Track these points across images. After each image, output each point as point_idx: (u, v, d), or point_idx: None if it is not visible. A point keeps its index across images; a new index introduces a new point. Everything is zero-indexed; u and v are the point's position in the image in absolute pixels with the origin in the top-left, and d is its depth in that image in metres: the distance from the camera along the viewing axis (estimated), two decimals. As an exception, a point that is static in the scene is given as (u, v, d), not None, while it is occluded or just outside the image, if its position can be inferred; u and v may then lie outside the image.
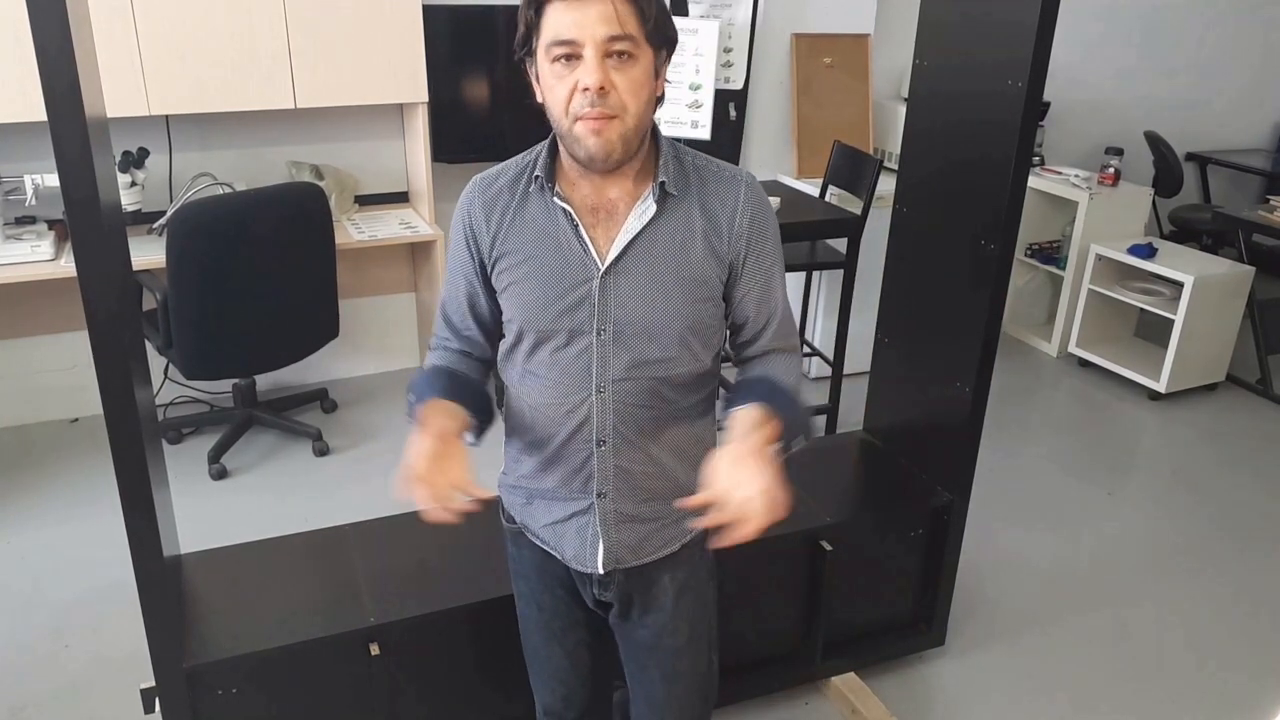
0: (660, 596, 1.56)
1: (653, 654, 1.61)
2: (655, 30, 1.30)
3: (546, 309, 1.40)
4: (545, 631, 1.65)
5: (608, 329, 1.39)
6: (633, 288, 1.38)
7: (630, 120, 1.30)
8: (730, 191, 1.42)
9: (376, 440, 3.63)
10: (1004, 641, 2.69)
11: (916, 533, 2.46)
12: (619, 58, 1.27)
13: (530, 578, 1.63)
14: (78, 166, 1.42)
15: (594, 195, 1.40)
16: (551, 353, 1.43)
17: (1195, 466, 3.71)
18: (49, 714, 2.34)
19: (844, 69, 4.24)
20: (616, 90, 1.28)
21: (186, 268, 2.97)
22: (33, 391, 3.63)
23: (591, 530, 1.50)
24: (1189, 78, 5.46)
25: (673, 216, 1.39)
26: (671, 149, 1.42)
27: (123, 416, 1.58)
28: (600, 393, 1.42)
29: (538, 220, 1.41)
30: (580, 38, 1.26)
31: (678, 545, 1.54)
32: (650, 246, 1.38)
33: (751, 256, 1.43)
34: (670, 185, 1.38)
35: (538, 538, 1.57)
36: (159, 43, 3.12)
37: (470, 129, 3.83)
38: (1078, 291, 4.41)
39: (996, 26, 2.11)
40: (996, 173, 2.15)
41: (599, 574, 1.52)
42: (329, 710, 1.98)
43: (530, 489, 1.54)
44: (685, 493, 1.49)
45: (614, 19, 1.25)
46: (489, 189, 1.47)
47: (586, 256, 1.38)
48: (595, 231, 1.39)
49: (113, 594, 2.69)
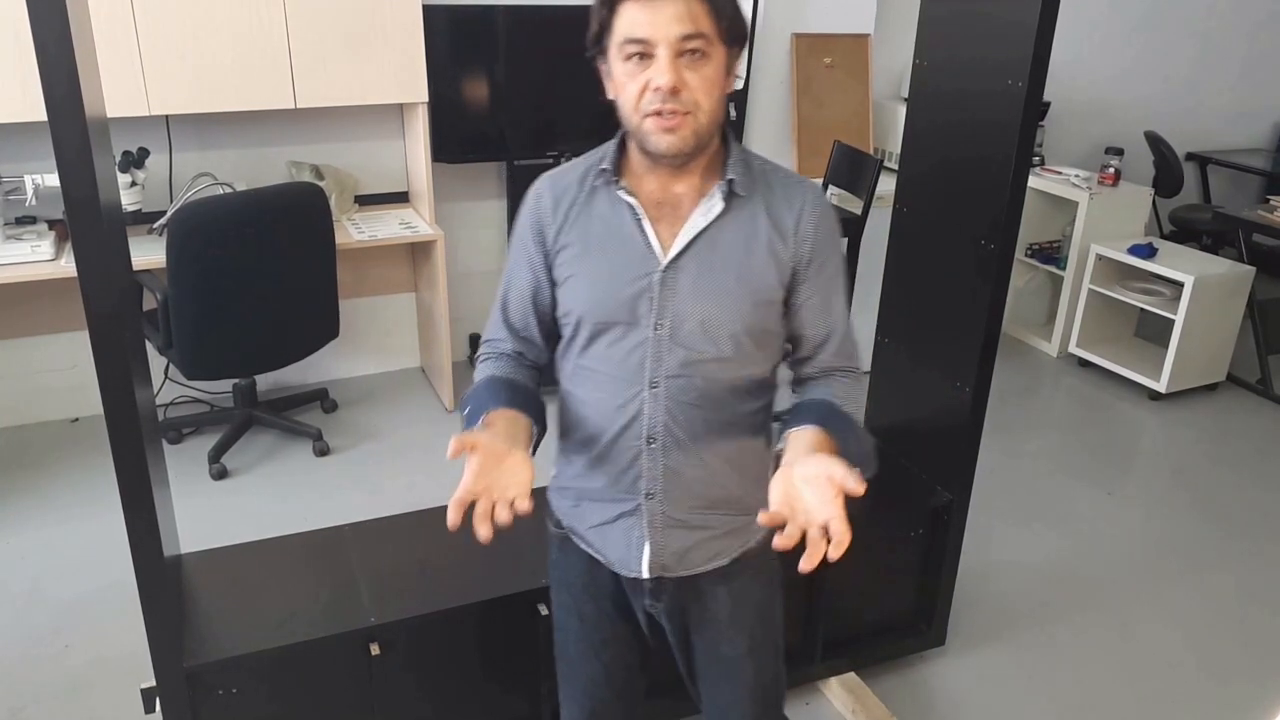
0: (714, 608, 1.54)
1: (712, 663, 1.59)
2: (729, 28, 1.29)
3: (606, 300, 1.40)
4: (584, 644, 1.61)
5: (665, 324, 1.39)
6: (692, 284, 1.38)
7: (703, 117, 1.30)
8: (796, 197, 1.41)
9: (377, 440, 3.63)
10: (1004, 641, 2.70)
11: (916, 532, 2.46)
12: (692, 56, 1.27)
13: (574, 587, 1.59)
14: (78, 166, 1.42)
15: (660, 190, 1.40)
16: (607, 346, 1.42)
17: (1195, 466, 3.71)
18: (49, 714, 2.34)
19: (844, 69, 4.24)
20: (689, 89, 1.28)
21: (186, 268, 2.97)
22: (33, 391, 3.63)
23: (638, 532, 1.48)
24: (1189, 78, 5.46)
25: (738, 216, 1.39)
26: (740, 151, 1.42)
27: (123, 416, 1.58)
28: (653, 388, 1.41)
29: (603, 213, 1.42)
30: (653, 37, 1.26)
31: (727, 560, 1.52)
32: (713, 244, 1.38)
33: (814, 264, 1.41)
34: (739, 185, 1.38)
35: (584, 541, 1.55)
36: (159, 43, 3.12)
37: (470, 129, 3.83)
38: (1078, 291, 4.41)
39: (996, 26, 2.11)
40: (996, 173, 2.15)
41: (647, 580, 1.50)
42: (329, 710, 1.98)
43: (579, 489, 1.53)
44: (737, 504, 1.49)
45: (687, 18, 1.25)
46: (558, 183, 1.47)
47: (649, 250, 1.39)
48: (659, 226, 1.39)
49: (113, 594, 2.69)
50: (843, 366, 1.48)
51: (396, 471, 3.40)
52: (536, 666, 2.11)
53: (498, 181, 4.06)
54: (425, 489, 3.21)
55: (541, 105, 3.87)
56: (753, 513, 1.47)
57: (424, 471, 3.39)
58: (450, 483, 1.29)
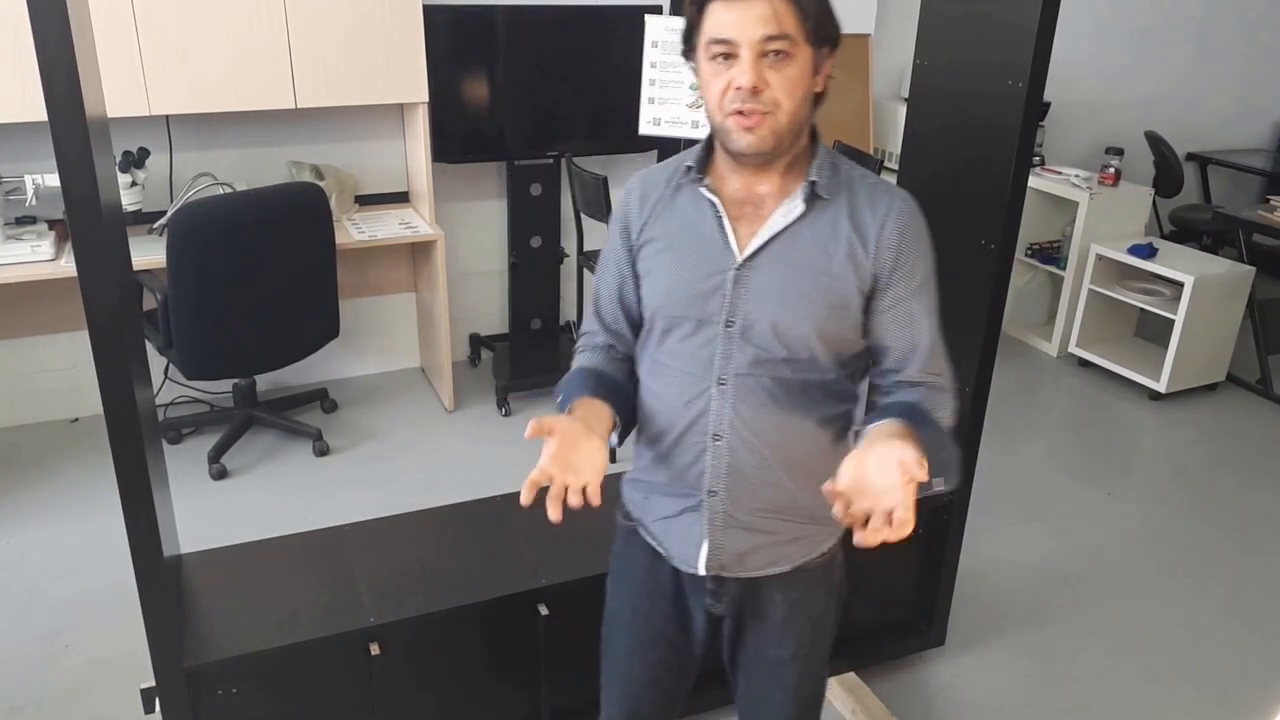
0: (769, 610, 1.55)
1: (758, 663, 1.59)
2: (816, 28, 1.29)
3: (680, 295, 1.41)
4: (631, 639, 1.61)
5: (736, 321, 1.39)
6: (766, 284, 1.38)
7: (783, 117, 1.30)
8: (883, 202, 1.39)
9: (377, 440, 3.63)
10: (1004, 641, 2.70)
11: (916, 533, 2.46)
12: (775, 56, 1.27)
13: (633, 580, 1.60)
14: (78, 166, 1.42)
15: (744, 190, 1.40)
16: (679, 340, 1.43)
17: (1195, 466, 3.71)
18: (49, 714, 2.34)
19: (844, 69, 4.24)
20: (770, 89, 1.29)
21: (187, 268, 2.97)
22: (33, 391, 3.63)
23: (698, 528, 1.49)
24: (1189, 78, 5.46)
25: (819, 219, 1.38)
26: (828, 154, 1.42)
27: (123, 416, 1.58)
28: (721, 385, 1.41)
29: (685, 209, 1.43)
30: (737, 37, 1.27)
31: (789, 566, 1.52)
32: (791, 246, 1.38)
33: (897, 273, 1.39)
34: (822, 188, 1.37)
35: (650, 534, 1.56)
36: (159, 42, 3.12)
37: (470, 129, 3.83)
38: (1078, 291, 4.41)
39: (996, 26, 2.11)
40: (996, 173, 2.15)
41: (707, 579, 1.51)
42: (329, 710, 1.99)
43: (649, 483, 1.54)
44: (802, 512, 1.48)
45: (772, 19, 1.25)
46: (647, 180, 1.49)
47: (726, 248, 1.39)
48: (739, 225, 1.40)
49: (113, 594, 2.69)
50: (930, 381, 1.44)
51: (396, 471, 3.40)
52: (536, 666, 2.11)
53: (498, 181, 4.06)
54: (425, 489, 3.20)
55: (541, 105, 3.88)
56: (818, 522, 1.48)
57: (424, 471, 3.39)
58: (450, 483, 1.29)
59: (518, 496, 2.50)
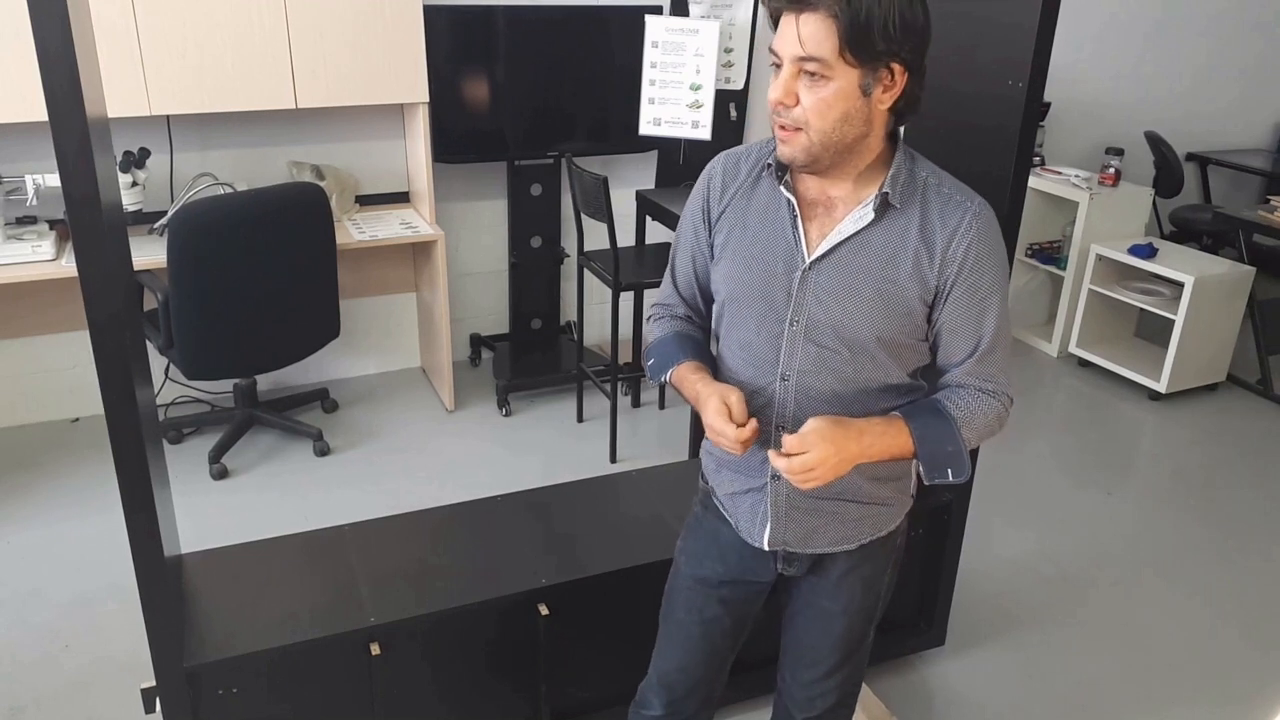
0: (830, 568, 1.60)
1: (808, 609, 1.65)
2: (859, 51, 1.27)
3: (748, 287, 1.45)
4: (691, 593, 1.67)
5: (800, 320, 1.42)
6: (830, 288, 1.41)
7: (814, 136, 1.32)
8: (954, 215, 1.39)
9: (377, 440, 3.63)
10: (1004, 641, 2.70)
11: (916, 533, 2.46)
12: (810, 77, 1.30)
13: (703, 540, 1.66)
14: (78, 166, 1.42)
15: (818, 191, 1.43)
16: (744, 333, 1.48)
17: (1195, 466, 3.71)
18: (49, 714, 2.34)
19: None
20: (800, 106, 1.31)
21: (187, 268, 2.97)
22: (33, 391, 3.63)
23: (763, 509, 1.53)
24: (1189, 78, 5.46)
25: (889, 228, 1.40)
26: (907, 161, 1.42)
27: (123, 416, 1.58)
28: (785, 380, 1.45)
29: (763, 202, 1.46)
30: (781, 52, 1.32)
31: (855, 545, 1.57)
32: (858, 252, 1.40)
33: (959, 286, 1.40)
34: (894, 198, 1.38)
35: (720, 503, 1.62)
36: (160, 42, 3.12)
37: (470, 129, 3.83)
38: (1078, 291, 4.41)
39: (997, 27, 2.11)
40: (997, 173, 2.15)
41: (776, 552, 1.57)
42: (329, 710, 1.99)
43: (719, 456, 1.59)
44: (865, 495, 1.53)
45: (811, 40, 1.27)
46: (733, 164, 1.52)
47: (796, 248, 1.42)
48: (810, 225, 1.42)
49: (113, 594, 2.69)
50: (975, 384, 1.46)
51: (396, 471, 3.40)
52: (536, 666, 2.11)
53: (498, 181, 4.06)
54: (426, 488, 3.21)
55: (541, 105, 3.88)
56: (884, 503, 1.56)
57: (424, 471, 3.39)
58: (450, 484, 1.29)
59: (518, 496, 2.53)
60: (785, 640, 1.73)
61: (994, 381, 1.47)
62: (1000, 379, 1.48)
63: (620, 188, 3.66)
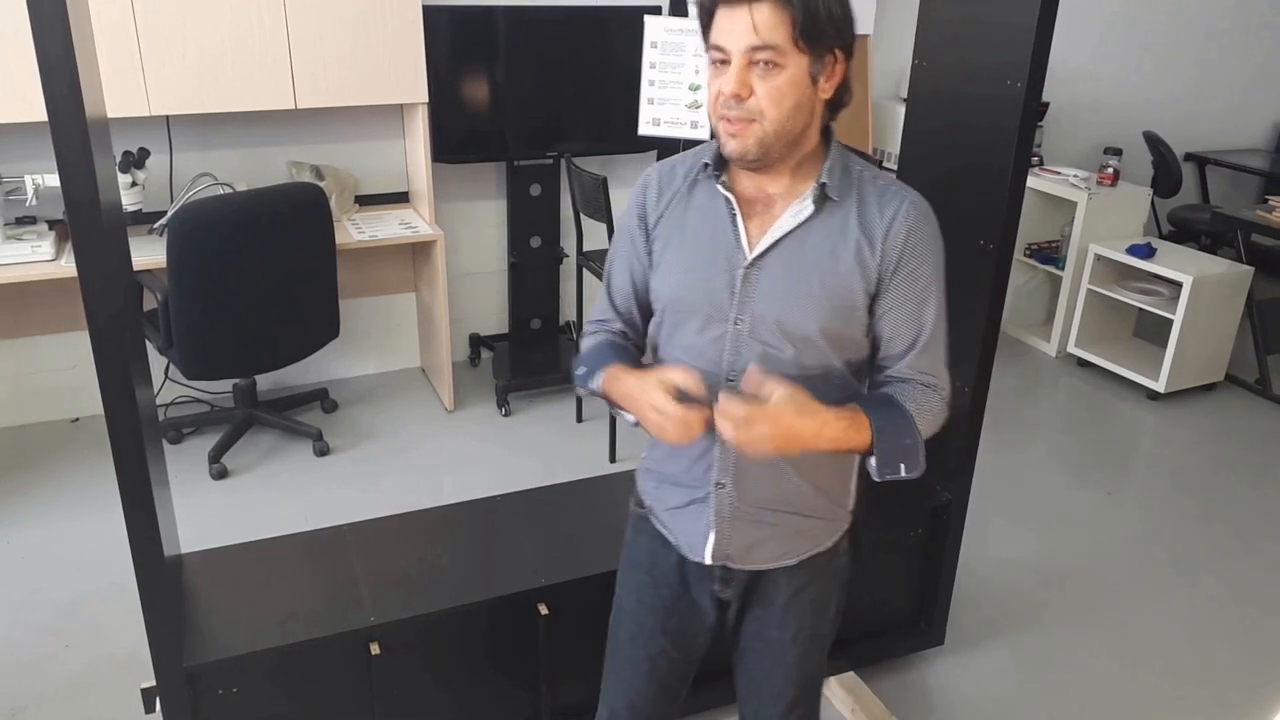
0: (774, 594, 1.57)
1: (757, 641, 1.62)
2: (809, 37, 1.28)
3: (690, 290, 1.44)
4: (634, 627, 1.64)
5: (744, 319, 1.41)
6: (774, 283, 1.40)
7: (769, 126, 1.32)
8: (892, 204, 1.40)
9: (377, 440, 3.63)
10: (1004, 641, 2.70)
11: (916, 532, 2.46)
12: (764, 66, 1.29)
13: (640, 566, 1.63)
14: (78, 167, 1.42)
15: (755, 189, 1.42)
16: (688, 335, 1.46)
17: (1195, 466, 3.71)
18: (49, 714, 2.35)
19: (843, 69, 4.24)
20: (755, 97, 1.30)
21: (187, 268, 2.97)
22: (33, 391, 3.63)
23: (705, 520, 1.51)
24: (1188, 78, 5.46)
25: (828, 221, 1.40)
26: (841, 155, 1.42)
27: (123, 416, 1.58)
28: (729, 382, 1.43)
29: (701, 205, 1.45)
30: (728, 45, 1.30)
31: (794, 560, 1.54)
32: (799, 246, 1.39)
33: (900, 274, 1.40)
34: (832, 189, 1.39)
35: (660, 522, 1.59)
36: (159, 43, 3.12)
37: (470, 129, 3.83)
38: (1077, 291, 4.41)
39: (996, 27, 2.12)
40: (995, 173, 2.15)
41: (714, 567, 1.54)
42: (329, 710, 1.99)
43: (660, 473, 1.57)
44: (807, 505, 1.51)
45: (763, 28, 1.27)
46: (668, 170, 1.51)
47: (737, 246, 1.41)
48: (751, 223, 1.42)
49: (113, 594, 2.69)
50: (919, 379, 1.45)
51: (396, 471, 3.41)
52: (536, 666, 2.11)
53: (498, 181, 4.06)
54: (425, 489, 3.21)
55: (541, 105, 3.88)
56: (823, 516, 1.53)
57: (424, 471, 3.39)
58: (450, 484, 1.29)
59: (518, 496, 2.53)
60: (740, 680, 1.68)
61: (935, 375, 1.47)
62: (940, 373, 1.48)
63: (619, 188, 3.66)
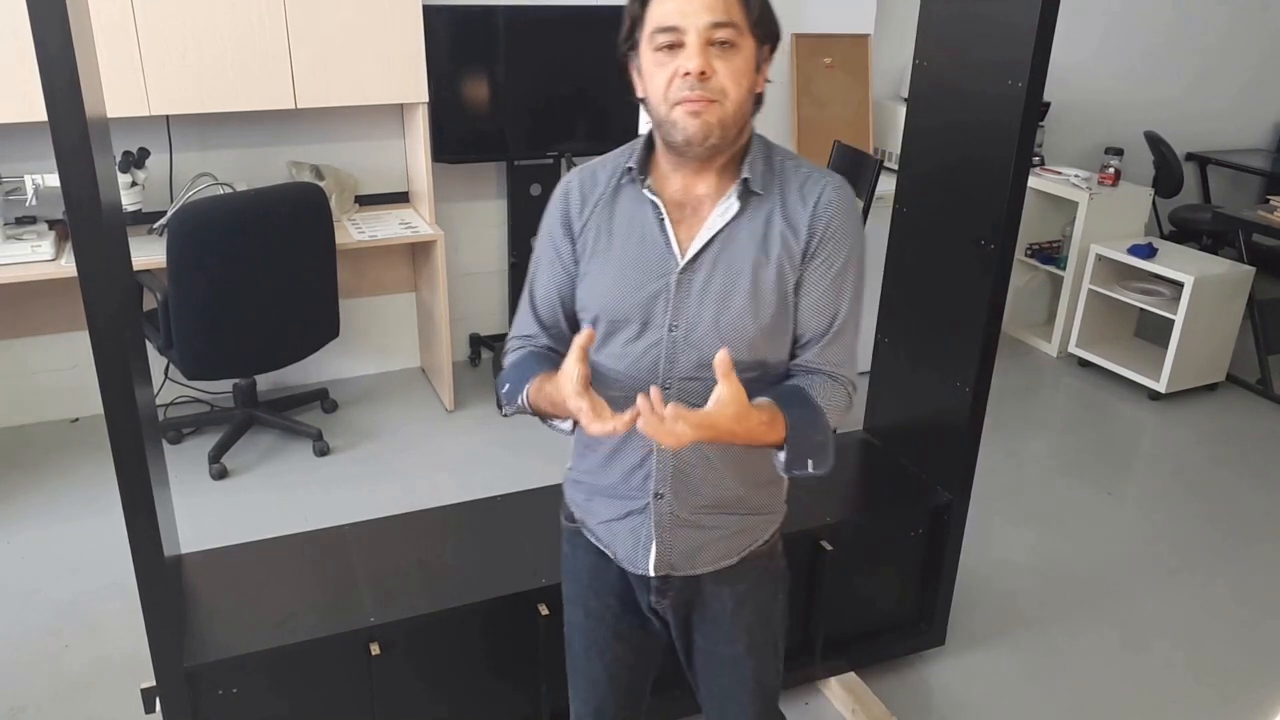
0: (717, 607, 1.55)
1: (711, 659, 1.59)
2: (759, 22, 1.30)
3: (623, 299, 1.40)
4: (587, 639, 1.62)
5: (680, 325, 1.39)
6: (707, 286, 1.38)
7: (730, 106, 1.30)
8: (814, 190, 1.39)
9: (377, 440, 3.63)
10: (1004, 641, 2.70)
11: (916, 533, 2.46)
12: (721, 46, 1.28)
13: (581, 580, 1.61)
14: (78, 167, 1.42)
15: (682, 191, 1.40)
16: (623, 344, 1.42)
17: (1195, 466, 3.71)
18: (49, 714, 2.34)
19: (844, 69, 4.24)
20: (717, 75, 1.28)
21: (187, 268, 2.97)
22: (33, 391, 3.63)
23: (645, 531, 1.48)
24: (1189, 78, 5.46)
25: (755, 216, 1.38)
26: (762, 147, 1.41)
27: (123, 416, 1.58)
28: (666, 389, 1.40)
29: (627, 211, 1.42)
30: (684, 24, 1.27)
31: (735, 559, 1.52)
32: (729, 245, 1.38)
33: (818, 258, 1.38)
34: (755, 183, 1.37)
35: (594, 535, 1.56)
36: (159, 42, 3.12)
37: (470, 129, 3.83)
38: (1078, 291, 4.41)
39: (996, 27, 2.11)
40: (996, 173, 2.15)
41: (653, 578, 1.51)
42: (329, 710, 1.98)
43: (592, 485, 1.54)
44: (745, 504, 1.50)
45: (718, 6, 1.26)
46: (587, 178, 1.47)
47: (668, 251, 1.39)
48: (680, 228, 1.39)
49: (113, 594, 2.69)
50: (827, 370, 1.44)
51: (396, 471, 3.40)
52: (536, 666, 2.11)
53: (498, 181, 4.06)
54: (425, 489, 3.20)
55: (541, 105, 3.87)
56: (760, 512, 1.51)
57: (424, 471, 3.39)
58: (450, 484, 1.29)
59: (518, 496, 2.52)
60: (702, 698, 1.66)
61: (843, 368, 1.45)
62: (848, 366, 1.46)
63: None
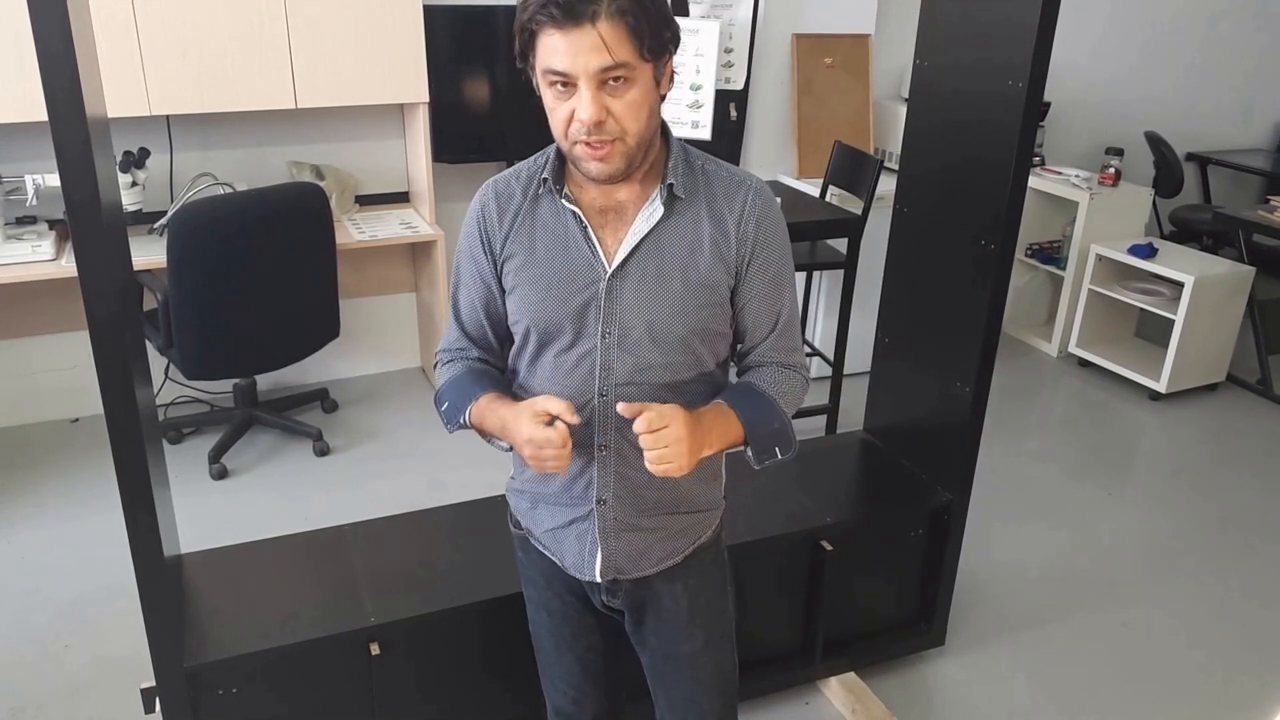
0: (671, 606, 1.56)
1: (669, 661, 1.60)
2: (652, 44, 1.26)
3: (554, 310, 1.40)
4: (555, 637, 1.64)
5: (613, 332, 1.39)
6: (639, 291, 1.38)
7: (631, 140, 1.30)
8: (738, 195, 1.41)
9: (376, 440, 3.63)
10: (1004, 641, 2.70)
11: (916, 533, 2.46)
12: (615, 83, 1.25)
13: (538, 583, 1.63)
14: (78, 166, 1.42)
15: (602, 198, 1.39)
16: (556, 355, 1.42)
17: (1195, 466, 3.71)
18: (49, 714, 2.34)
19: (844, 69, 4.24)
20: (614, 117, 1.27)
21: (187, 268, 2.97)
22: (33, 391, 3.63)
23: (591, 537, 1.49)
24: (1189, 78, 5.46)
25: (681, 219, 1.39)
26: (682, 151, 1.42)
27: (123, 416, 1.58)
28: (603, 396, 1.41)
29: (548, 222, 1.41)
30: (573, 70, 1.23)
31: (680, 557, 1.54)
32: (657, 249, 1.38)
33: (755, 262, 1.41)
34: (678, 188, 1.38)
35: (540, 544, 1.57)
36: (160, 42, 3.12)
37: (470, 129, 3.83)
38: (1078, 291, 4.41)
39: (997, 27, 2.11)
40: (997, 173, 2.15)
41: (600, 583, 1.52)
42: (329, 710, 1.98)
43: (534, 493, 1.54)
44: (688, 502, 1.51)
45: (606, 49, 1.22)
46: (505, 187, 1.45)
47: (595, 259, 1.38)
48: (604, 233, 1.39)
49: (113, 594, 2.69)
50: (779, 360, 1.49)
51: (396, 471, 3.40)
52: (536, 667, 2.11)
53: (498, 181, 4.06)
54: (425, 489, 3.20)
55: (542, 105, 3.87)
56: (703, 509, 1.54)
57: (424, 471, 3.39)
58: (450, 483, 1.29)
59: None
60: (659, 700, 1.66)
61: (793, 355, 1.50)
62: (798, 353, 1.51)
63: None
